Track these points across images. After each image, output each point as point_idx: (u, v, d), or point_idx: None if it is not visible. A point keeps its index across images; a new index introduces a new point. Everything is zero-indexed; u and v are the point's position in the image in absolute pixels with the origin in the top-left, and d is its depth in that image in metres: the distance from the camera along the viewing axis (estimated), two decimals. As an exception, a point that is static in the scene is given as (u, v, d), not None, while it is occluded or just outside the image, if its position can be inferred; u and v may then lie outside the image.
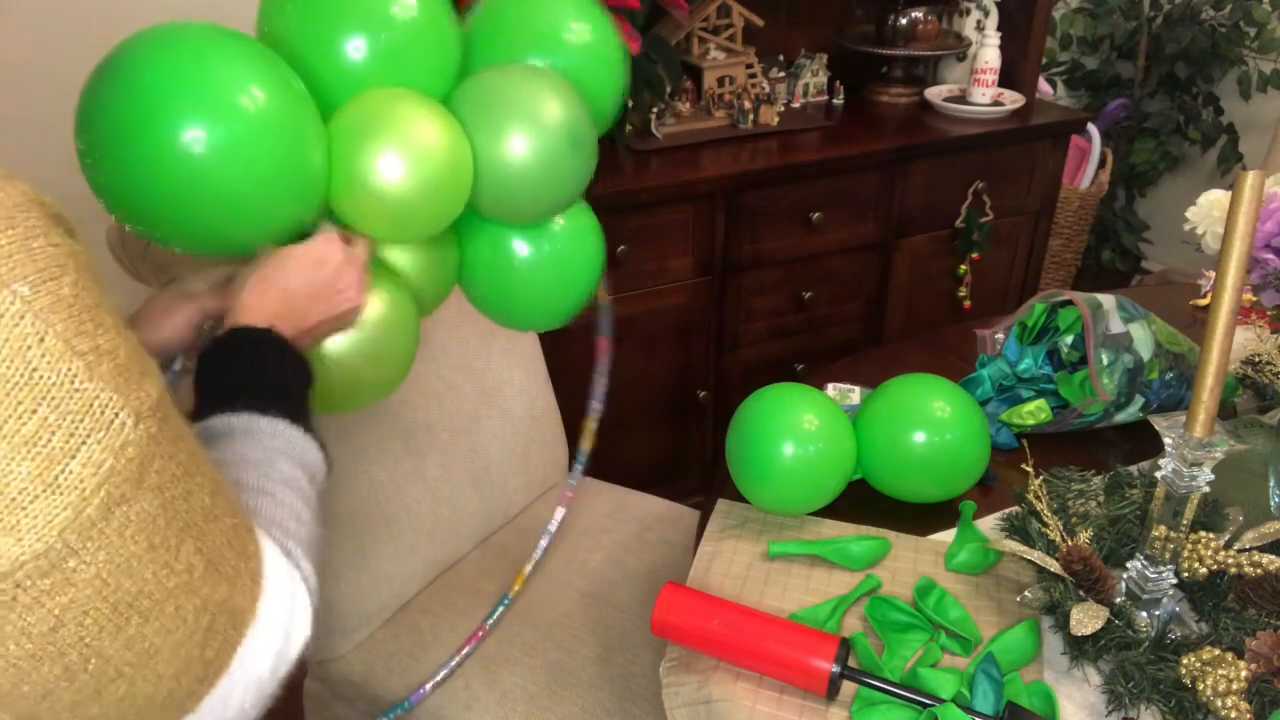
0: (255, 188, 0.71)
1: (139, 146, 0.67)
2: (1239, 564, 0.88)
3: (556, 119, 0.86)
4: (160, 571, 0.45)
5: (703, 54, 2.07)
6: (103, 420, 0.42)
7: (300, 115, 0.75)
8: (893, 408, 1.05)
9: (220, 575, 0.50)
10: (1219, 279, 0.76)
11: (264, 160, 0.71)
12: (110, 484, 0.42)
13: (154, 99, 0.67)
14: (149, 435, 0.44)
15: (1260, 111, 2.92)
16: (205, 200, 0.69)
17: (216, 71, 0.69)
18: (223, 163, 0.68)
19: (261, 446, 0.64)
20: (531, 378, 1.53)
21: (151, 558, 0.45)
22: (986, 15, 2.32)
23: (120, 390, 0.43)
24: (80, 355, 0.41)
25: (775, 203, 1.98)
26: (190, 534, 0.47)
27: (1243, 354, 1.22)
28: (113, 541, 0.43)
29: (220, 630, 0.50)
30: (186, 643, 0.48)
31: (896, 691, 0.81)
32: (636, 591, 1.35)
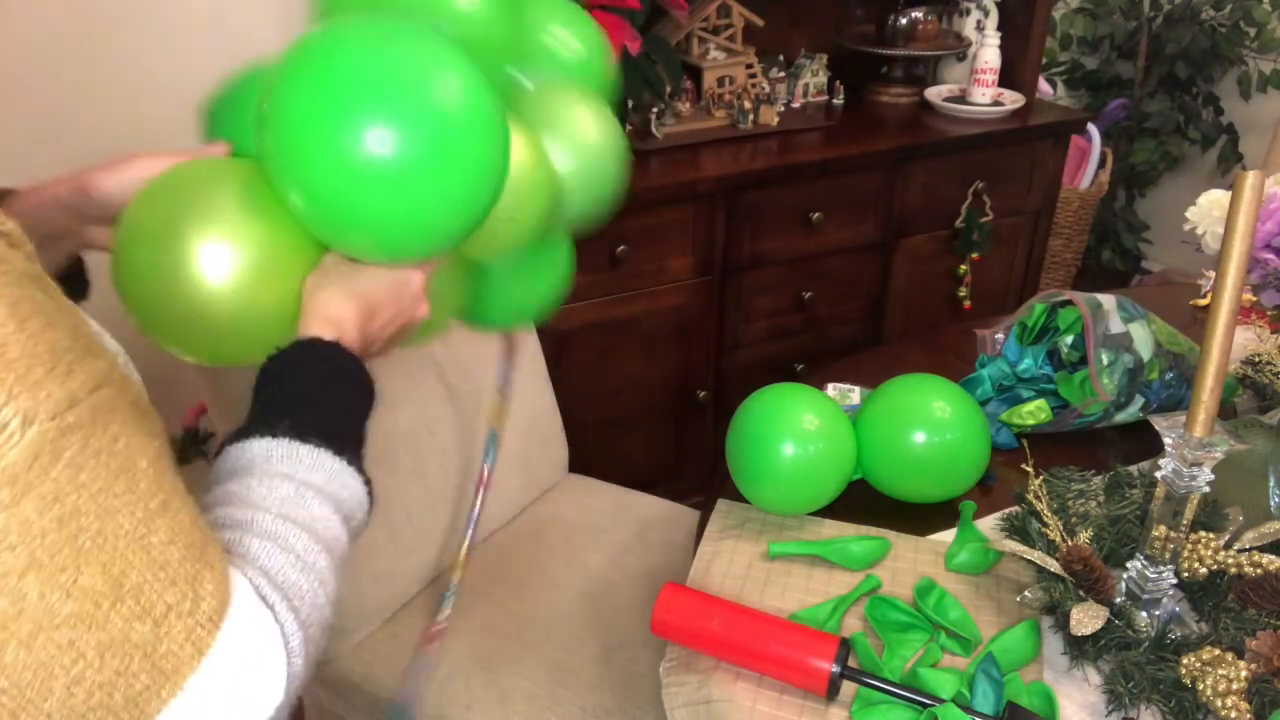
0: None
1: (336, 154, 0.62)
2: (1239, 564, 0.88)
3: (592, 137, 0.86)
4: (49, 593, 0.41)
5: (703, 54, 2.07)
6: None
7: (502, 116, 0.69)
8: (893, 408, 1.05)
9: (142, 611, 0.45)
10: (1219, 279, 0.76)
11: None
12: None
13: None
14: (44, 438, 0.41)
15: (1260, 111, 2.92)
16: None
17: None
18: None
19: (295, 480, 0.59)
20: (531, 378, 1.53)
21: (36, 576, 0.41)
22: (986, 15, 2.32)
23: (4, 389, 0.40)
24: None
25: (775, 203, 1.98)
26: (96, 557, 0.43)
27: (1243, 354, 1.22)
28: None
29: (138, 675, 0.45)
30: (85, 681, 0.43)
31: (896, 691, 0.81)
32: (636, 591, 1.35)
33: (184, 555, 0.47)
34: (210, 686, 0.48)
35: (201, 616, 0.47)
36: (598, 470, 1.66)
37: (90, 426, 0.44)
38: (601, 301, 1.88)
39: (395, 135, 0.61)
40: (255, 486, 0.57)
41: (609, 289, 1.88)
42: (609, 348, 1.94)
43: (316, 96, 0.61)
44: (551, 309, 1.04)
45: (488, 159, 0.66)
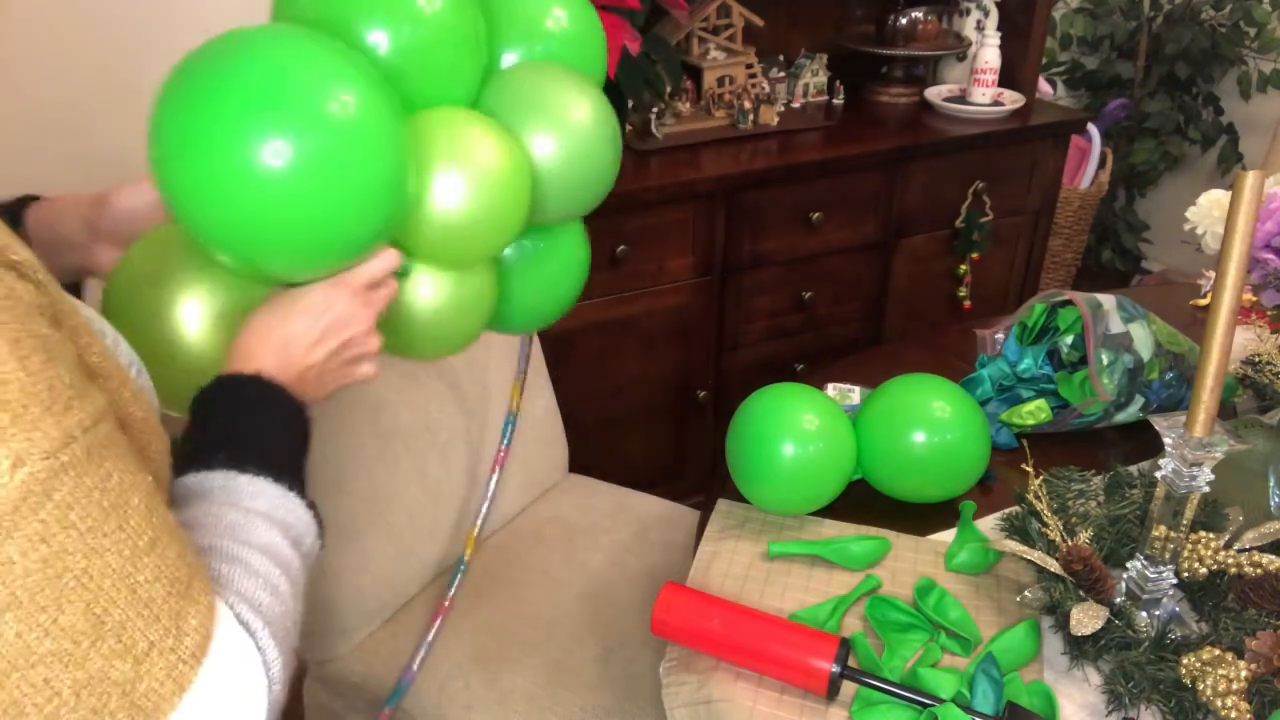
0: (345, 207, 0.64)
1: (215, 161, 0.60)
2: (1239, 564, 0.88)
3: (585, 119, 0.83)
4: (26, 632, 0.41)
5: (703, 54, 2.07)
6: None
7: (395, 124, 0.67)
8: (893, 408, 1.05)
9: (123, 649, 0.45)
10: (1219, 279, 0.76)
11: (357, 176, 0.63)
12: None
13: (234, 109, 0.59)
14: (34, 480, 0.41)
15: (1260, 111, 2.92)
16: (286, 221, 0.62)
17: (303, 78, 0.62)
18: (309, 179, 0.61)
19: (240, 508, 0.58)
20: (531, 378, 1.53)
21: (15, 615, 0.41)
22: (986, 15, 2.32)
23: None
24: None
25: (775, 203, 1.98)
26: (79, 597, 0.43)
27: (1243, 354, 1.22)
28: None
29: (116, 713, 0.45)
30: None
31: (896, 691, 0.81)
32: (636, 591, 1.35)
33: (169, 592, 0.47)
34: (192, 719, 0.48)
35: (184, 653, 0.47)
36: (598, 470, 1.66)
37: (84, 464, 0.43)
38: (601, 301, 1.88)
39: (289, 147, 0.60)
40: (201, 517, 0.56)
41: (609, 289, 1.88)
42: (609, 348, 1.94)
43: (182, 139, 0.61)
44: (572, 302, 1.03)
45: (365, 168, 0.64)
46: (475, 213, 0.75)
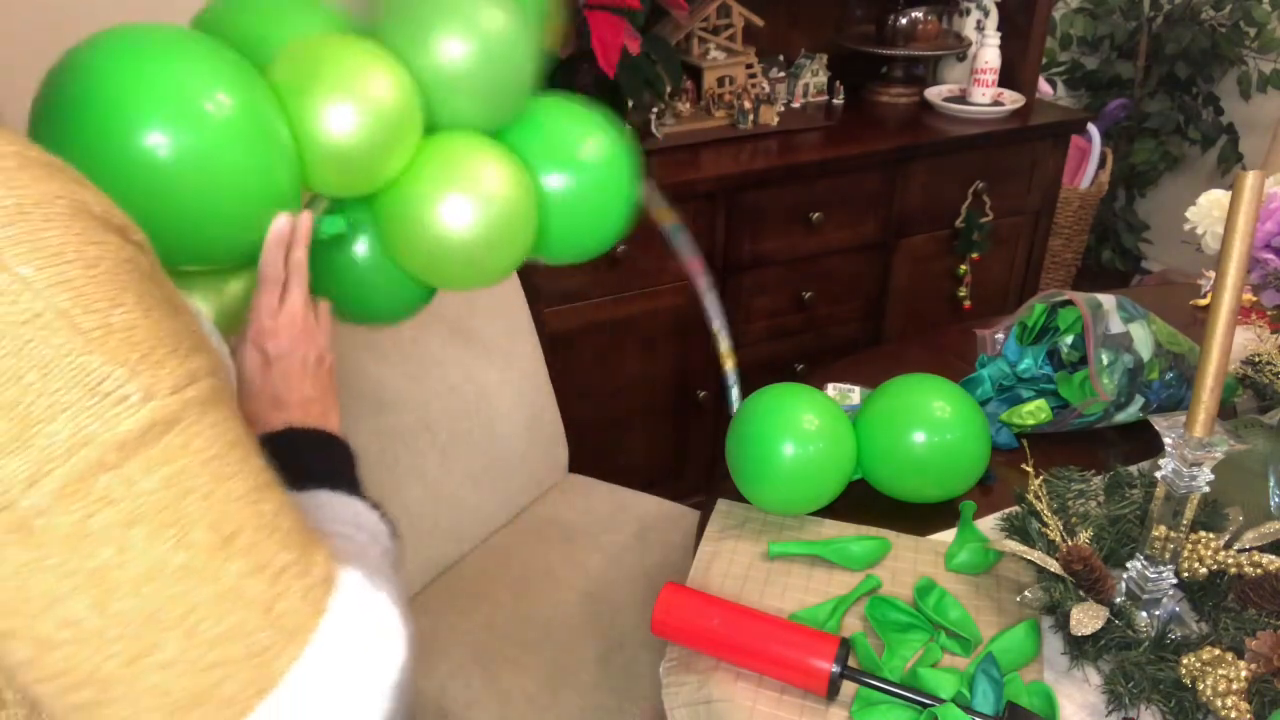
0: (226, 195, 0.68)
1: (99, 152, 0.63)
2: (1239, 564, 0.88)
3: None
4: (155, 545, 0.44)
5: (703, 54, 2.07)
6: (97, 391, 0.43)
7: (267, 115, 0.71)
8: (893, 408, 1.05)
9: (256, 566, 0.47)
10: (1219, 279, 0.76)
11: (233, 167, 0.67)
12: (89, 450, 0.42)
13: (114, 103, 0.63)
14: (163, 412, 0.44)
15: (1260, 111, 2.92)
16: (173, 209, 0.66)
17: (179, 73, 0.66)
18: (190, 170, 0.65)
19: (337, 519, 0.62)
20: (531, 378, 1.53)
21: (143, 530, 0.44)
22: (986, 15, 2.32)
23: (129, 365, 0.43)
24: (82, 331, 0.43)
25: (775, 203, 1.98)
26: (206, 516, 0.45)
27: (1243, 354, 1.22)
28: (87, 506, 0.43)
29: (257, 631, 0.47)
30: (203, 634, 0.45)
31: (896, 691, 0.81)
32: (636, 591, 1.35)
33: (293, 526, 0.50)
34: (334, 645, 0.49)
35: (316, 579, 0.49)
36: (598, 470, 1.66)
37: (207, 403, 0.47)
38: (601, 301, 1.88)
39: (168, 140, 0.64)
40: (313, 509, 0.60)
41: (609, 289, 1.88)
42: (609, 348, 1.94)
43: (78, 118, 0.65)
44: (628, 207, 1.01)
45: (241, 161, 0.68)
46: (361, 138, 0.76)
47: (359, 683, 0.50)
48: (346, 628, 0.50)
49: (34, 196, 0.43)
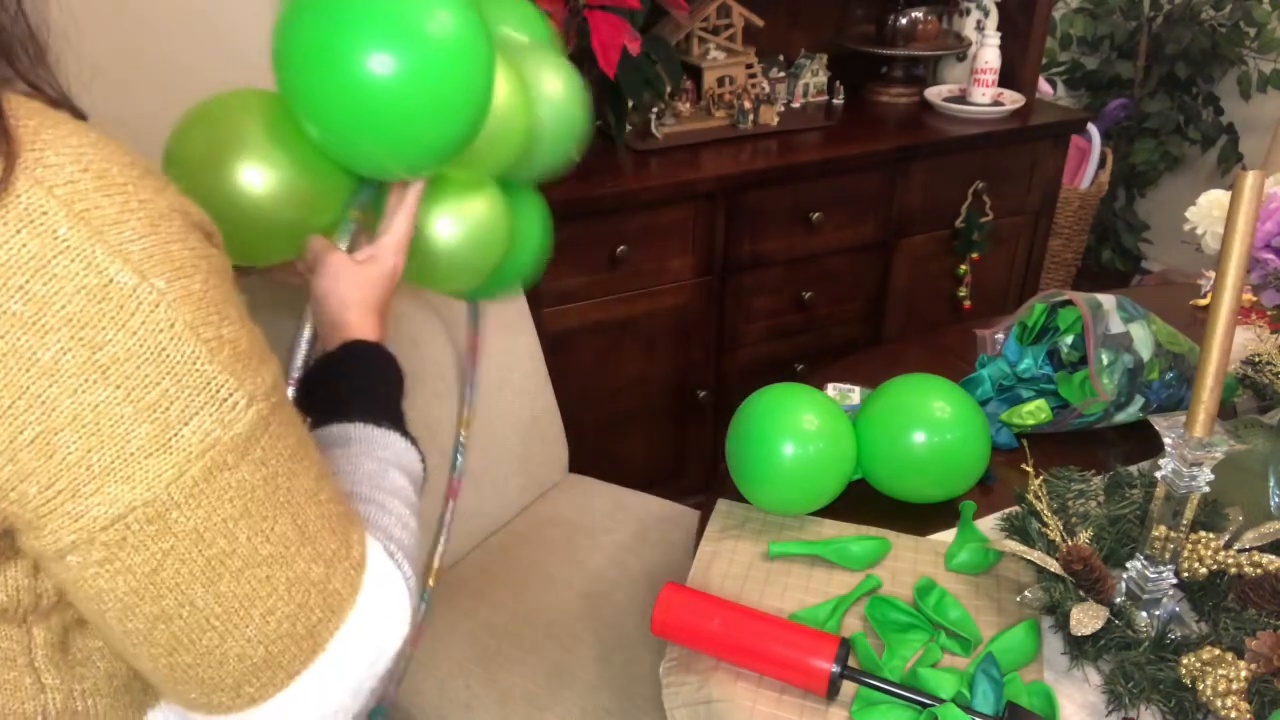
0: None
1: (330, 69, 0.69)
2: (1239, 564, 0.88)
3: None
4: (254, 537, 0.50)
5: (703, 54, 2.07)
6: (216, 397, 0.48)
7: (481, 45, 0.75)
8: (893, 408, 1.05)
9: (317, 554, 0.53)
10: (1219, 279, 0.76)
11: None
12: (215, 451, 0.48)
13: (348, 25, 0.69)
14: (259, 415, 0.50)
15: (1260, 111, 2.92)
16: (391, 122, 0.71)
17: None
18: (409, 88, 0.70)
19: (375, 457, 0.68)
20: (531, 378, 1.53)
21: (246, 523, 0.50)
22: (986, 15, 2.32)
23: (236, 374, 0.49)
24: (204, 341, 0.47)
25: (775, 203, 1.98)
26: (288, 510, 0.52)
27: (1243, 354, 1.22)
28: (211, 502, 0.48)
29: (314, 608, 0.53)
30: (277, 611, 0.52)
31: (896, 691, 0.81)
32: (636, 591, 1.35)
33: (340, 512, 0.56)
34: (363, 619, 0.56)
35: (354, 561, 0.56)
36: (598, 470, 1.66)
37: (285, 404, 0.53)
38: (601, 301, 1.88)
39: (394, 59, 0.69)
40: (342, 463, 0.66)
41: (609, 289, 1.88)
42: (609, 348, 1.94)
43: (320, 32, 0.70)
44: (533, 276, 1.06)
45: (473, 78, 0.74)
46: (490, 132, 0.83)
47: (377, 647, 0.58)
48: (372, 604, 0.57)
49: (160, 209, 0.47)
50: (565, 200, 1.75)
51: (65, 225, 0.43)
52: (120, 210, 0.45)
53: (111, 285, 0.44)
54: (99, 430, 0.45)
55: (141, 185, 0.46)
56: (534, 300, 1.75)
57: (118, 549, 0.47)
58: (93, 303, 0.44)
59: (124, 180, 0.46)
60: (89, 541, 0.46)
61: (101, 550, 0.47)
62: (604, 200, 1.78)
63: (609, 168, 1.87)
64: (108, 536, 0.46)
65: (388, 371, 0.76)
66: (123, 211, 0.45)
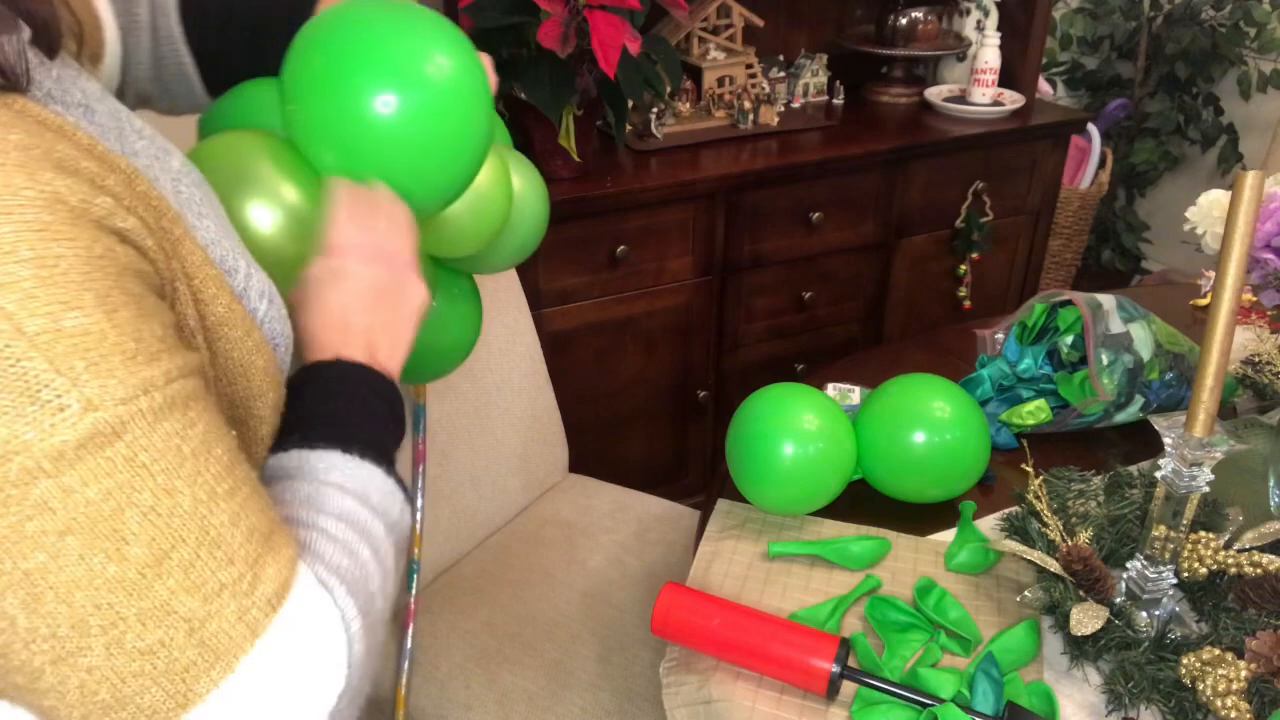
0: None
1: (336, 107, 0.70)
2: (1239, 564, 0.88)
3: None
4: (90, 556, 0.44)
5: (703, 54, 2.07)
6: (37, 398, 0.42)
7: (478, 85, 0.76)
8: (893, 408, 1.05)
9: (191, 585, 0.46)
10: (1219, 279, 0.76)
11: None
12: (24, 457, 0.42)
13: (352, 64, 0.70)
14: (105, 422, 0.44)
15: (1260, 111, 2.92)
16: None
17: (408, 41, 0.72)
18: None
19: (314, 481, 0.58)
20: (531, 378, 1.53)
21: (78, 539, 0.43)
22: (986, 15, 2.32)
23: (72, 373, 0.43)
24: (25, 334, 0.42)
25: (775, 203, 1.98)
26: (149, 529, 0.45)
27: (1243, 354, 1.22)
28: (20, 511, 0.42)
29: (183, 649, 0.46)
30: (126, 646, 0.45)
31: (896, 691, 0.81)
32: (636, 591, 1.35)
33: (247, 539, 0.48)
34: (267, 669, 0.48)
35: (259, 599, 0.48)
36: (598, 470, 1.66)
37: (162, 412, 0.46)
38: (601, 301, 1.88)
39: (400, 99, 0.70)
40: (279, 493, 0.57)
41: (609, 289, 1.88)
42: (609, 348, 1.94)
43: (338, 70, 0.71)
44: (456, 363, 1.03)
45: (476, 119, 0.75)
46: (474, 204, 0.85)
47: (288, 709, 0.49)
48: (282, 653, 0.49)
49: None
50: (565, 200, 1.75)
51: None
52: None
53: None
54: None
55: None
56: (534, 300, 1.75)
57: None
58: None
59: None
60: None
61: None
62: (604, 200, 1.78)
63: (609, 168, 1.87)
64: None
65: (350, 389, 0.65)
66: None
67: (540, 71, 1.63)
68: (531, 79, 1.63)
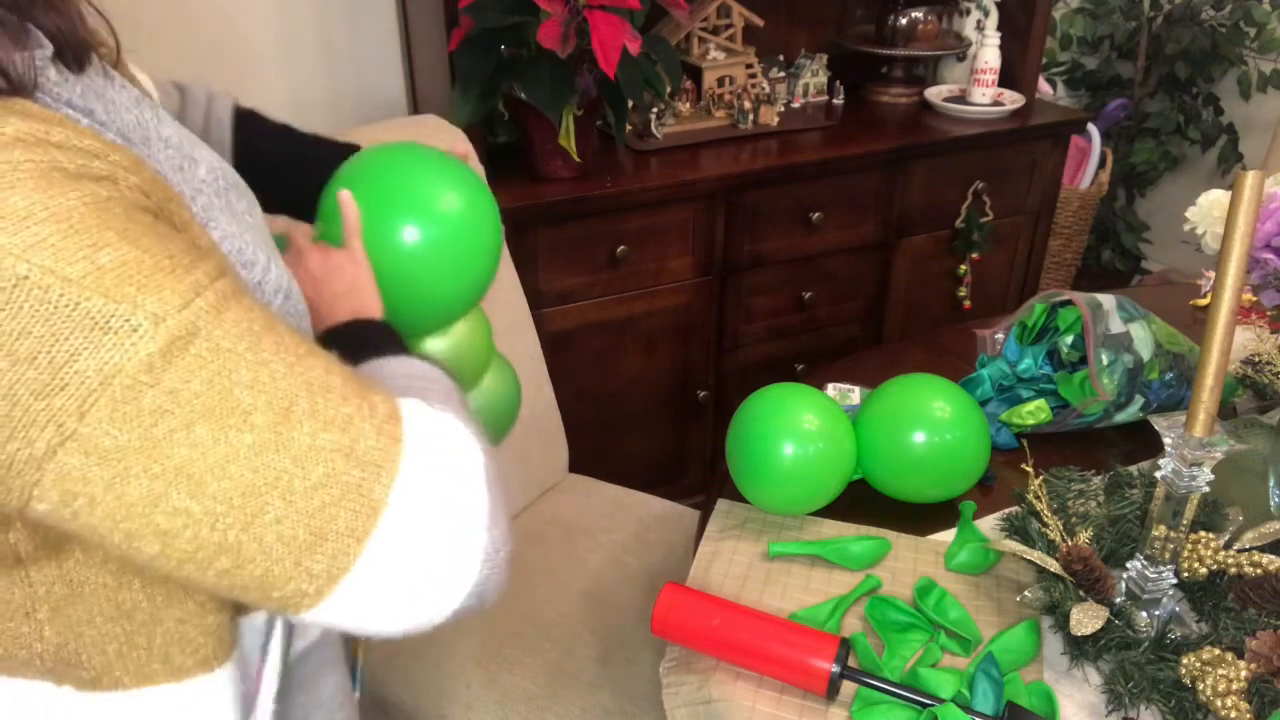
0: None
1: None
2: (1239, 564, 0.88)
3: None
4: (223, 432, 0.48)
5: (703, 54, 2.07)
6: (106, 327, 0.46)
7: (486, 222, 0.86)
8: (893, 408, 1.05)
9: (324, 424, 0.51)
10: (1219, 279, 0.76)
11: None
12: (121, 377, 0.46)
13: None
14: (179, 327, 0.48)
15: (1260, 111, 2.92)
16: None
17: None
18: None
19: (394, 376, 0.64)
20: (531, 378, 1.53)
21: (205, 424, 0.48)
22: (986, 15, 2.32)
23: (128, 299, 0.47)
24: (70, 280, 0.46)
25: (775, 203, 1.98)
26: (257, 398, 0.49)
27: (1243, 354, 1.22)
28: (142, 419, 0.47)
29: (346, 473, 0.51)
30: (296, 491, 0.50)
31: (896, 691, 0.81)
32: (636, 591, 1.35)
33: (345, 381, 0.54)
34: (422, 461, 0.54)
35: (383, 416, 0.54)
36: (598, 470, 1.66)
37: (221, 304, 0.50)
38: (601, 301, 1.88)
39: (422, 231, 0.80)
40: (374, 370, 0.65)
41: (609, 289, 1.88)
42: (609, 348, 1.94)
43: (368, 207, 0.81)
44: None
45: (491, 245, 0.86)
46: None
47: (457, 483, 0.55)
48: (426, 445, 0.54)
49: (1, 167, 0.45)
50: (565, 200, 1.75)
51: None
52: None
53: None
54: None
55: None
56: (534, 300, 1.75)
57: (69, 484, 0.47)
58: None
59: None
60: (41, 486, 0.47)
61: (55, 493, 0.47)
62: (604, 200, 1.78)
63: (609, 168, 1.87)
64: (49, 479, 0.47)
65: (389, 338, 0.73)
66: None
67: (540, 71, 1.63)
68: (531, 79, 1.63)
